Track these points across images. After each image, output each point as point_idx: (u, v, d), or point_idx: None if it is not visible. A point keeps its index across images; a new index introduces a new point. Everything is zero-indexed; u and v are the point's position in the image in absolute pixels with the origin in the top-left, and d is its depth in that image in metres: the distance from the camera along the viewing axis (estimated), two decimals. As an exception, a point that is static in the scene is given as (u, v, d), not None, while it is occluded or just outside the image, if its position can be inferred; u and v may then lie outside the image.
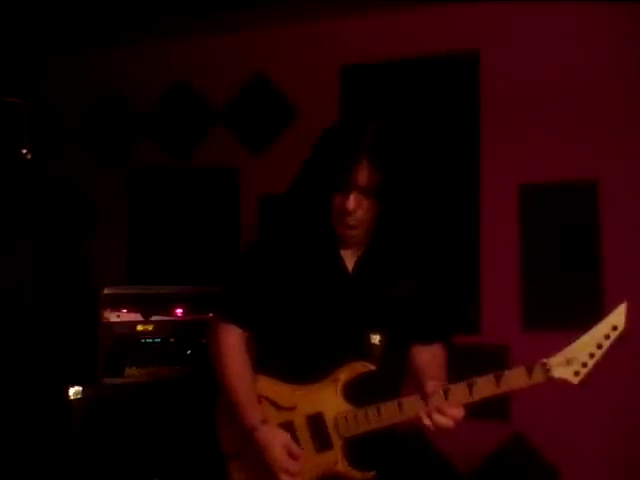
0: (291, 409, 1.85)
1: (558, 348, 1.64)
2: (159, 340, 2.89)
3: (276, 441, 1.80)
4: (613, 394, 2.95)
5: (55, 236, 3.92)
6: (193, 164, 3.79)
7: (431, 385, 1.70)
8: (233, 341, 1.93)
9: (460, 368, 2.12)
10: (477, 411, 3.26)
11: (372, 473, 1.79)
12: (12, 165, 3.32)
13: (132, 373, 2.84)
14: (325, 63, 3.50)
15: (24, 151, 3.06)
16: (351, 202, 1.76)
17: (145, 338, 2.87)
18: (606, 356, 1.60)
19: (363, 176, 1.76)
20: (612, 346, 1.60)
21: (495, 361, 3.07)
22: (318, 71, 3.52)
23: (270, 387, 1.88)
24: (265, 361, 1.93)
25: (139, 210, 3.89)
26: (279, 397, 1.87)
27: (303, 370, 1.85)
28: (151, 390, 2.84)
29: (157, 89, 3.85)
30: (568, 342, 1.64)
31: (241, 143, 3.69)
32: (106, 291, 2.82)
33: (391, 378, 1.84)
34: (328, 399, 1.81)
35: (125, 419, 2.77)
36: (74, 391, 2.72)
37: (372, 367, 1.78)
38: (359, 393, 1.80)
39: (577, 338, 1.64)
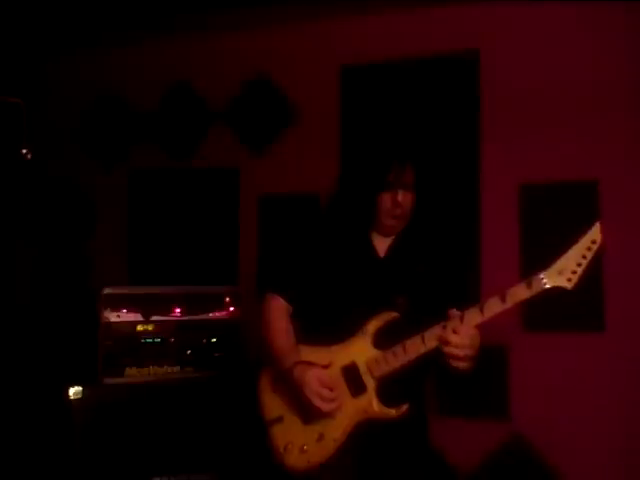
0: (327, 365, 2.05)
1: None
2: (159, 340, 2.89)
3: (309, 374, 2.00)
4: (613, 394, 2.96)
5: (55, 236, 3.93)
6: (193, 164, 3.79)
7: (451, 311, 1.96)
8: (277, 306, 2.19)
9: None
10: (477, 411, 3.28)
11: (405, 407, 1.99)
12: (12, 165, 3.32)
13: (132, 373, 2.84)
14: (325, 63, 3.50)
15: (24, 151, 3.06)
16: (400, 196, 2.07)
17: (145, 338, 2.87)
18: (591, 265, 1.86)
19: (408, 175, 2.09)
20: (594, 257, 1.86)
21: (495, 361, 3.08)
22: (318, 71, 3.52)
23: (308, 351, 2.10)
24: (304, 333, 2.16)
25: (139, 210, 3.89)
26: (316, 357, 2.07)
27: (337, 333, 2.07)
28: (151, 390, 2.84)
29: (157, 89, 3.85)
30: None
31: (241, 143, 3.69)
32: (106, 291, 2.82)
33: (414, 326, 2.01)
34: (359, 349, 2.04)
35: (125, 419, 2.77)
36: (74, 391, 2.71)
37: (396, 314, 2.04)
38: (387, 340, 2.02)
39: (563, 253, 1.88)
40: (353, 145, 3.31)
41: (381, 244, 2.18)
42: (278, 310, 2.19)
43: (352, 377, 2.03)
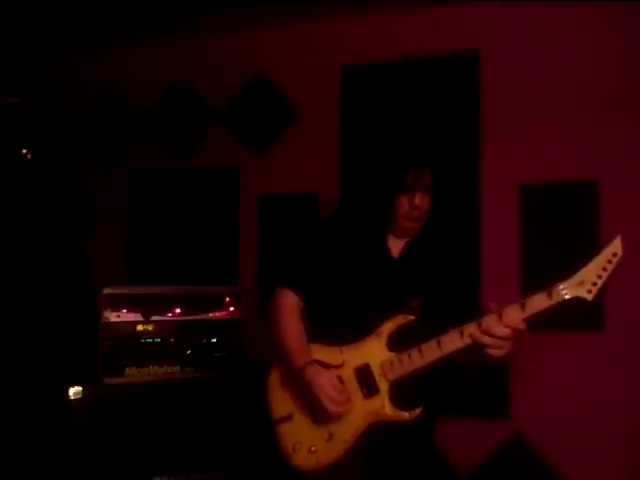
0: (340, 366, 2.04)
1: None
2: (159, 340, 2.89)
3: (321, 376, 1.99)
4: (613, 394, 2.96)
5: (55, 236, 3.93)
6: (193, 164, 3.79)
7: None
8: (288, 302, 2.16)
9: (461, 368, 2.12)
10: (477, 411, 3.28)
11: (419, 410, 1.98)
12: (12, 165, 3.32)
13: (132, 373, 2.84)
14: (325, 63, 3.50)
15: (24, 151, 3.06)
16: (419, 199, 2.07)
17: (145, 338, 2.87)
18: (611, 278, 1.90)
19: (426, 177, 2.09)
20: (615, 269, 1.90)
21: (495, 361, 3.08)
22: (318, 71, 3.52)
23: (320, 350, 2.07)
24: (315, 330, 2.12)
25: (139, 210, 3.89)
26: (328, 357, 2.05)
27: (348, 333, 2.05)
28: (151, 390, 2.84)
29: (157, 89, 3.85)
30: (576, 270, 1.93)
31: (241, 143, 3.69)
32: (106, 291, 2.82)
33: (429, 330, 2.00)
34: (373, 351, 2.03)
35: (125, 419, 2.77)
36: (74, 391, 2.71)
37: (412, 317, 2.03)
38: (401, 342, 2.01)
39: (584, 265, 1.91)
40: (366, 146, 3.30)
41: (395, 245, 2.17)
42: (289, 307, 2.16)
43: (365, 379, 2.01)
